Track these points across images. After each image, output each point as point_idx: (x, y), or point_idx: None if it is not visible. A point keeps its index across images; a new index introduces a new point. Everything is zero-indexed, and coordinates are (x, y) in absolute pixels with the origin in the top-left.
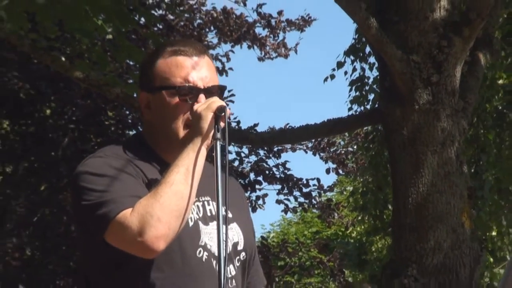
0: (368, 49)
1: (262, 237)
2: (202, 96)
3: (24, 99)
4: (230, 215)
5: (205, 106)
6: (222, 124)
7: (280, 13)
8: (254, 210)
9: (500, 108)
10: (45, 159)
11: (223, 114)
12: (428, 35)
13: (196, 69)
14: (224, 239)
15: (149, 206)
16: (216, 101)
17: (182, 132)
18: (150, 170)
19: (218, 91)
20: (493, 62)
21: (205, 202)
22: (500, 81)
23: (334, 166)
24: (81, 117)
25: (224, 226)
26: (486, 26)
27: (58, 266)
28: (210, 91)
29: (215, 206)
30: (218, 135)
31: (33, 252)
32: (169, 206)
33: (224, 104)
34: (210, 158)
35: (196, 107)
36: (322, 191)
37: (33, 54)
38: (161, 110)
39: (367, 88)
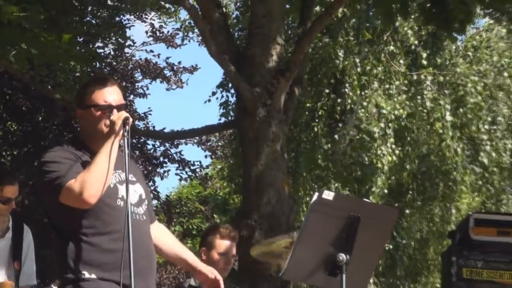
0: (230, 84)
1: (166, 195)
2: (115, 110)
3: (25, 110)
4: (134, 179)
5: (117, 116)
6: (127, 127)
7: (179, 62)
8: (162, 179)
9: (307, 120)
10: (37, 147)
11: (128, 121)
12: (265, 76)
13: (110, 93)
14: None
15: (85, 176)
16: (123, 114)
17: (104, 131)
18: (84, 156)
19: (124, 106)
20: (302, 93)
21: (119, 173)
22: (308, 104)
23: (210, 153)
24: (60, 122)
25: (129, 185)
26: (299, 72)
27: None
28: (119, 107)
29: (123, 175)
30: (125, 134)
31: (30, 203)
32: (96, 176)
33: (129, 116)
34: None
35: (112, 117)
36: (202, 168)
37: (31, 84)
38: (91, 120)
39: (230, 107)
